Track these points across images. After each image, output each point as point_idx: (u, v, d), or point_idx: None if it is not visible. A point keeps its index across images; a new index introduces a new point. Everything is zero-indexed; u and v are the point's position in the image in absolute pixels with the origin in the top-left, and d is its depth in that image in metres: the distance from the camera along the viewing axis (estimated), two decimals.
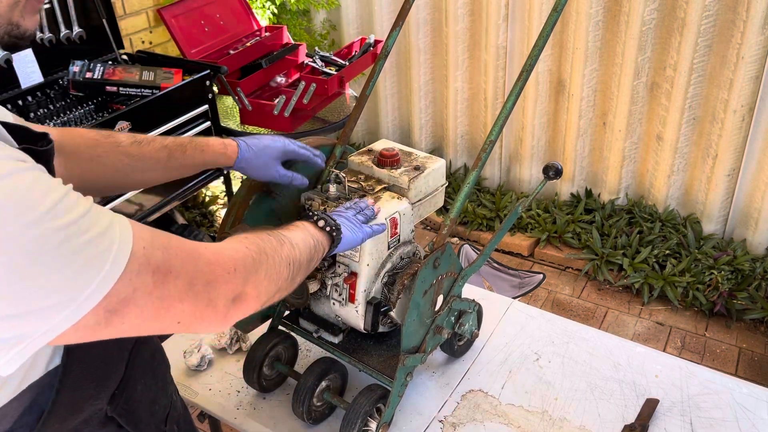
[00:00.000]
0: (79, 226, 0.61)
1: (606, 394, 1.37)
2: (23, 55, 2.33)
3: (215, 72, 2.53)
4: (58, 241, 0.59)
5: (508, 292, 3.01)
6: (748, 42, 2.59)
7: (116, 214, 0.68)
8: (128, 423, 0.87)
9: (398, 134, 3.84)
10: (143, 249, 0.66)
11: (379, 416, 1.23)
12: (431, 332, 1.24)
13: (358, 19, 3.62)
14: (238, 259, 0.78)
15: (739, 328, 2.75)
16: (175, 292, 0.69)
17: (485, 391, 1.38)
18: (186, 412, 1.07)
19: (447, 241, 1.19)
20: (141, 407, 0.90)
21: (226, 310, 0.76)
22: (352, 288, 1.21)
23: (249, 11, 3.09)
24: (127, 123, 2.21)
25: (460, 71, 3.39)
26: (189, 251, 0.72)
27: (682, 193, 3.13)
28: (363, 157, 1.34)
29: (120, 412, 0.85)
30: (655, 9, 2.78)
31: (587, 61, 3.00)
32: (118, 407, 0.84)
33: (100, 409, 0.82)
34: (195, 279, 0.71)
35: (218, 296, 0.74)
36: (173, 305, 0.70)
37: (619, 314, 2.86)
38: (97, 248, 0.62)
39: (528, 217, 3.30)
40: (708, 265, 2.84)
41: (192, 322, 0.73)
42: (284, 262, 0.87)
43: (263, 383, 1.38)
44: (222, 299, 0.75)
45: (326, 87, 2.63)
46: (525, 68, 1.16)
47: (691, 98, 2.85)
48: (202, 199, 3.27)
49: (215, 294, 0.74)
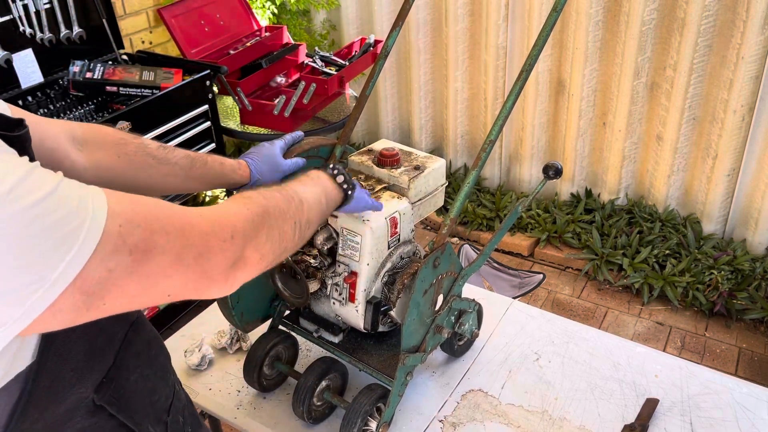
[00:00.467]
0: (45, 206, 0.59)
1: (606, 394, 1.37)
2: (23, 55, 2.33)
3: (215, 72, 2.53)
4: (23, 223, 0.57)
5: (508, 292, 3.01)
6: (748, 42, 2.59)
7: (92, 187, 0.66)
8: (120, 412, 0.86)
9: (398, 134, 3.84)
10: (119, 227, 0.64)
11: (379, 416, 1.23)
12: (431, 332, 1.24)
13: (358, 19, 3.62)
14: (236, 224, 0.77)
15: (739, 328, 2.75)
16: (159, 269, 0.67)
17: (485, 391, 1.39)
18: (191, 404, 1.07)
19: (447, 240, 1.19)
20: (137, 396, 0.89)
21: (225, 277, 0.75)
22: (352, 287, 1.21)
23: (249, 11, 3.09)
24: (127, 123, 2.21)
25: (460, 71, 3.39)
26: (180, 225, 0.70)
27: (682, 193, 3.13)
28: (363, 157, 1.34)
29: (109, 401, 0.84)
30: (655, 9, 2.78)
31: (587, 61, 3.00)
32: (106, 396, 0.83)
33: (85, 398, 0.81)
34: (184, 253, 0.69)
35: (213, 267, 0.72)
36: (159, 282, 0.68)
37: (619, 314, 2.86)
38: (66, 227, 0.60)
39: (528, 217, 3.30)
40: (708, 265, 2.85)
41: (186, 293, 0.72)
42: (289, 221, 0.86)
43: (263, 383, 1.38)
44: (218, 269, 0.73)
45: (326, 87, 2.63)
46: (525, 68, 1.16)
47: (691, 98, 2.85)
48: (202, 200, 3.27)
49: (209, 265, 0.72)
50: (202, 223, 0.73)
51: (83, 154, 0.99)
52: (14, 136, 0.70)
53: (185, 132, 2.47)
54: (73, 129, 0.99)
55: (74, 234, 0.60)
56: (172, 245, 0.68)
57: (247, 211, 0.80)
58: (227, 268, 0.75)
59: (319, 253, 1.24)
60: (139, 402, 0.90)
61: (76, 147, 0.98)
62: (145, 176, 1.07)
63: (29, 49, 2.35)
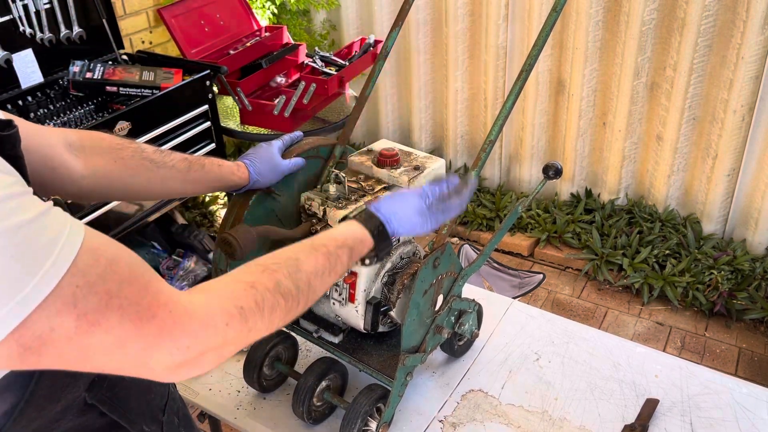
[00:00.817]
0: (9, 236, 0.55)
1: (606, 394, 1.37)
2: (23, 55, 2.33)
3: (215, 72, 2.53)
4: None
5: (508, 292, 3.01)
6: (748, 42, 2.59)
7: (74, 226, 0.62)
8: (112, 411, 0.85)
9: (398, 134, 3.84)
10: (75, 287, 0.59)
11: (379, 416, 1.23)
12: (431, 332, 1.24)
13: (358, 19, 3.62)
14: (208, 321, 0.69)
15: (739, 328, 2.75)
16: (101, 347, 0.61)
17: (485, 391, 1.39)
18: (185, 407, 1.07)
19: (447, 240, 1.19)
20: (131, 395, 0.89)
21: (168, 373, 0.68)
22: (352, 288, 1.21)
23: (249, 11, 3.09)
24: (127, 123, 2.21)
25: (460, 71, 3.39)
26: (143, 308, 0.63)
27: (682, 193, 3.13)
28: (363, 157, 1.34)
29: (101, 400, 0.83)
30: (655, 9, 2.78)
31: (587, 61, 3.00)
32: (98, 394, 0.83)
33: (78, 397, 0.81)
34: (131, 341, 0.63)
35: (158, 364, 0.66)
36: (96, 358, 0.62)
37: (619, 314, 2.86)
38: (21, 269, 0.56)
39: (528, 217, 3.30)
40: (708, 265, 2.85)
41: (124, 374, 0.66)
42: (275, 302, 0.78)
43: (263, 383, 1.38)
44: (162, 366, 0.66)
45: (326, 87, 2.63)
46: (525, 68, 1.16)
47: (691, 98, 2.85)
48: (202, 199, 3.28)
49: (154, 362, 0.66)
50: (166, 317, 0.66)
51: (80, 160, 0.98)
52: (4, 135, 0.69)
53: (185, 132, 2.47)
54: (68, 136, 0.99)
55: (24, 279, 0.56)
56: (122, 329, 0.62)
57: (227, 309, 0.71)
58: (175, 366, 0.68)
59: None
60: (134, 400, 0.90)
61: (72, 154, 0.98)
62: (142, 180, 1.07)
63: (29, 49, 2.35)
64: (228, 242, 1.10)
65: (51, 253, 0.58)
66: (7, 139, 0.69)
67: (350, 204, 1.23)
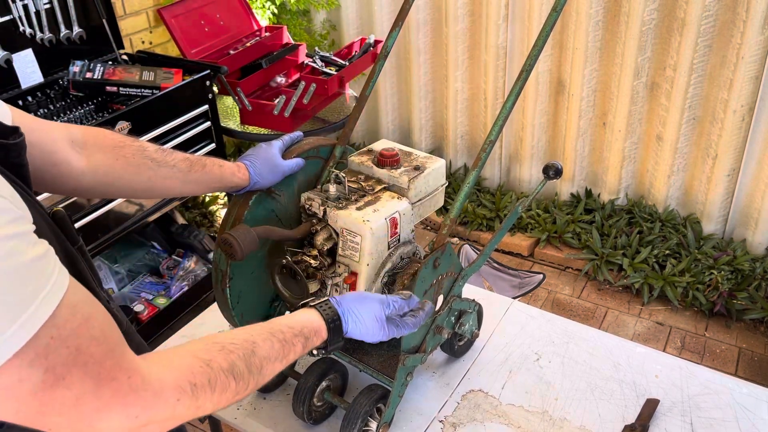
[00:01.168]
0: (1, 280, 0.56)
1: (606, 394, 1.37)
2: (23, 55, 2.33)
3: (215, 72, 2.53)
4: None
5: (508, 292, 3.01)
6: (748, 42, 2.59)
7: (60, 276, 0.62)
8: None
9: (398, 134, 3.84)
10: (50, 338, 0.59)
11: (379, 416, 1.23)
12: (431, 332, 1.24)
13: (358, 19, 3.62)
14: (160, 395, 0.69)
15: (739, 328, 2.75)
16: (57, 404, 0.61)
17: (485, 391, 1.39)
18: None
19: (447, 241, 1.19)
20: None
21: None
22: (352, 288, 1.21)
23: (249, 11, 3.09)
24: (127, 123, 2.21)
25: (460, 71, 3.39)
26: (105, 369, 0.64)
27: (682, 193, 3.13)
28: (363, 157, 1.34)
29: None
30: (655, 9, 2.78)
31: (587, 61, 3.00)
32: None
33: None
34: (86, 399, 0.62)
35: (106, 428, 0.65)
36: (49, 416, 0.61)
37: (619, 314, 2.86)
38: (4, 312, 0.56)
39: (528, 217, 3.30)
40: (708, 265, 2.85)
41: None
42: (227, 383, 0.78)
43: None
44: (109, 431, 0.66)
45: (326, 87, 2.63)
46: (525, 68, 1.16)
47: (691, 98, 2.85)
48: (202, 199, 3.28)
49: (103, 425, 0.65)
50: (124, 382, 0.66)
51: (82, 157, 0.99)
52: (11, 144, 0.69)
53: (185, 132, 2.47)
54: (72, 132, 0.99)
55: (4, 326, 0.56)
56: (82, 386, 0.62)
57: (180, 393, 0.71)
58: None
59: (319, 253, 1.24)
60: None
61: (75, 150, 0.98)
62: (143, 179, 1.07)
63: (29, 49, 2.35)
64: (228, 242, 1.10)
65: (32, 302, 0.59)
66: (14, 147, 0.69)
67: (350, 204, 1.23)
